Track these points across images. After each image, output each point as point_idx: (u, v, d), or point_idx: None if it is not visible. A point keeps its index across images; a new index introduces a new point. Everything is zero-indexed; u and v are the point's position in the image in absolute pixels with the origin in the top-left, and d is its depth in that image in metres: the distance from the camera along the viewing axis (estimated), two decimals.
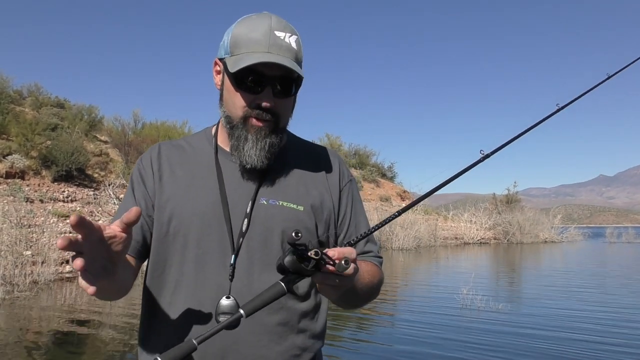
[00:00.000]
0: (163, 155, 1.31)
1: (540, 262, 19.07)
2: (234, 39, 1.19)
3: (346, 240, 1.32)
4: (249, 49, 1.16)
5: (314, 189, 1.31)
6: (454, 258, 20.43)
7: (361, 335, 6.70)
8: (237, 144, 1.22)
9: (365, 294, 1.26)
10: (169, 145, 1.35)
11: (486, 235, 31.48)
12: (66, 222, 14.85)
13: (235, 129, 1.22)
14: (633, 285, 11.72)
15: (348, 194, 1.37)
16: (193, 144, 1.34)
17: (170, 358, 0.90)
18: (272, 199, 1.25)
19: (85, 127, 21.53)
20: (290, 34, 1.18)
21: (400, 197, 35.93)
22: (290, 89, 1.21)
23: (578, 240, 35.04)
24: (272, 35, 1.16)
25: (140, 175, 1.29)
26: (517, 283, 12.93)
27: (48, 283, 10.73)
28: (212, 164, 1.28)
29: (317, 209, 1.29)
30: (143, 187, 1.27)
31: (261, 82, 1.17)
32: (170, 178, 1.27)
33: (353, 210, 1.37)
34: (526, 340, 6.16)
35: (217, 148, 1.31)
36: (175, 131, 24.36)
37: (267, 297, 0.96)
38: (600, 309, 8.36)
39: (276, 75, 1.17)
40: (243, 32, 1.18)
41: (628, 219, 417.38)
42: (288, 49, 1.17)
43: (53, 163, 16.83)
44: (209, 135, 1.36)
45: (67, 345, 6.07)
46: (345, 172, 1.40)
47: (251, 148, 1.20)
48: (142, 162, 1.31)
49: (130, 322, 7.25)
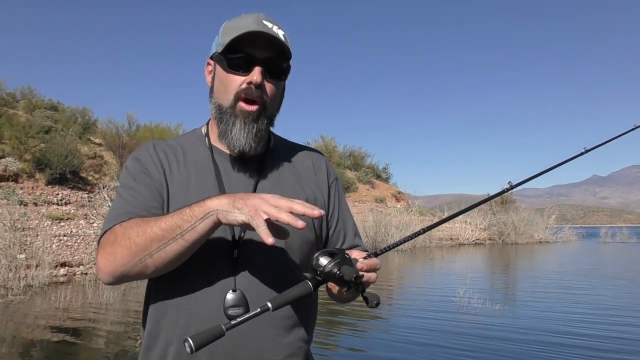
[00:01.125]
0: (159, 151, 1.30)
1: (536, 263, 19.09)
2: (224, 30, 1.24)
3: (335, 237, 1.39)
4: (239, 31, 1.19)
5: (307, 185, 1.35)
6: (450, 259, 20.45)
7: (355, 342, 6.49)
8: (225, 129, 1.24)
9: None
10: (161, 143, 1.34)
11: (481, 235, 31.58)
12: (60, 225, 14.79)
13: (224, 114, 1.24)
14: (629, 286, 11.77)
15: (335, 191, 1.42)
16: (184, 144, 1.34)
17: (199, 340, 0.91)
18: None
19: (79, 129, 21.48)
20: (278, 27, 1.22)
21: (395, 198, 36.00)
22: (279, 71, 1.24)
23: (572, 241, 35.15)
24: (261, 23, 1.20)
25: (141, 166, 1.26)
26: (515, 284, 12.96)
27: (42, 286, 10.68)
28: (208, 163, 1.29)
29: (312, 204, 1.30)
30: (148, 178, 1.24)
31: (251, 61, 1.20)
32: (170, 176, 1.26)
33: (340, 207, 1.42)
34: (525, 345, 6.13)
35: (212, 147, 1.31)
36: (170, 133, 24.29)
37: (296, 294, 0.99)
38: (597, 312, 8.37)
39: (266, 57, 1.21)
40: (233, 23, 1.23)
41: (621, 219, 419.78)
42: (277, 34, 1.21)
43: (47, 166, 16.76)
44: (199, 135, 1.37)
45: (62, 349, 6.03)
46: (331, 171, 1.45)
47: (239, 131, 1.22)
48: (140, 156, 1.29)
49: (124, 326, 7.22)
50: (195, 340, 0.91)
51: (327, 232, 1.39)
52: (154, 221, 1.08)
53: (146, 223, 1.09)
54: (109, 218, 1.19)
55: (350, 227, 1.43)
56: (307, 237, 1.30)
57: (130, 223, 1.12)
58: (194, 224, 1.04)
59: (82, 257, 13.52)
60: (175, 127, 25.32)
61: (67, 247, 13.82)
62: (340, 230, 1.40)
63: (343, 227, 1.41)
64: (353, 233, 1.43)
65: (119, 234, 1.11)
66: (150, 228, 1.07)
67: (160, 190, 1.23)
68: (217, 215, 1.03)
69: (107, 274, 1.13)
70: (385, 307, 9.02)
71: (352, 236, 1.43)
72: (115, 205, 1.22)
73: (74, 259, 13.38)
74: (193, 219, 1.04)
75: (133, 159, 1.29)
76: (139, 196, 1.21)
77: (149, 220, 1.10)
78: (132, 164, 1.28)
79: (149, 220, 1.09)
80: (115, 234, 1.12)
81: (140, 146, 1.35)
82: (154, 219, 1.09)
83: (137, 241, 1.07)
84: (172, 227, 1.05)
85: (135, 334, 6.61)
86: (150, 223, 1.08)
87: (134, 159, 1.29)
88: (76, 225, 15.27)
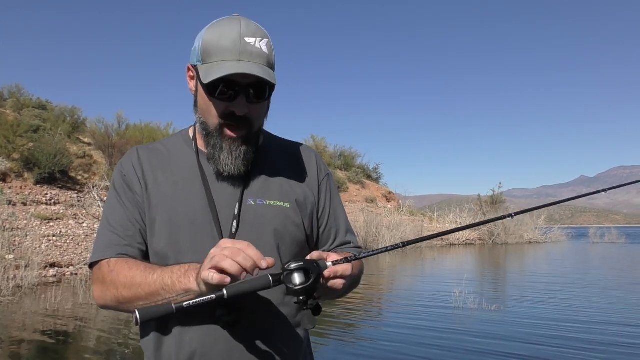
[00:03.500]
0: (143, 160, 1.29)
1: (528, 263, 19.17)
2: (204, 46, 1.18)
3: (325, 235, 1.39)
4: (220, 57, 1.15)
5: (297, 185, 1.34)
6: (441, 259, 20.53)
7: (350, 349, 6.49)
8: (214, 152, 1.23)
9: (348, 286, 1.26)
10: (146, 149, 1.33)
11: (471, 236, 31.69)
12: (50, 225, 14.65)
13: (210, 137, 1.23)
14: (625, 287, 11.88)
15: (326, 188, 1.41)
16: (170, 148, 1.33)
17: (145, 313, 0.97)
18: (260, 198, 1.27)
19: (68, 129, 21.29)
20: (260, 38, 1.18)
21: (386, 198, 36.07)
22: (263, 94, 1.20)
23: (562, 241, 35.34)
24: (242, 42, 1.15)
25: (125, 182, 1.27)
26: (510, 285, 13.00)
27: (32, 287, 10.56)
28: (194, 167, 1.28)
29: (301, 204, 1.32)
30: (131, 194, 1.25)
31: (234, 90, 1.17)
32: (155, 184, 1.26)
33: (332, 204, 1.41)
34: (523, 344, 6.16)
35: (198, 151, 1.31)
36: (160, 133, 24.15)
37: (254, 284, 1.02)
38: (592, 311, 8.41)
39: (249, 83, 1.17)
40: (213, 39, 1.17)
41: (608, 220, 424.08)
42: (259, 54, 1.17)
43: (35, 165, 16.60)
44: (186, 137, 1.35)
45: (51, 350, 5.95)
46: (322, 167, 1.43)
47: (227, 157, 1.22)
48: (124, 168, 1.29)
49: (114, 326, 7.16)
50: (141, 313, 0.97)
51: (318, 231, 1.39)
52: (140, 277, 1.12)
53: (132, 279, 1.12)
54: (97, 247, 1.23)
55: (342, 224, 1.43)
56: (297, 237, 1.30)
57: (117, 269, 1.16)
58: (174, 297, 1.08)
59: (72, 258, 13.40)
60: (165, 127, 25.21)
61: (57, 248, 13.69)
62: (331, 228, 1.40)
63: (335, 224, 1.41)
64: (345, 230, 1.43)
65: (107, 277, 1.17)
66: (136, 287, 1.11)
67: (141, 206, 1.24)
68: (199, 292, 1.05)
69: (100, 305, 1.22)
70: (376, 307, 9.02)
71: (344, 233, 1.42)
72: (102, 232, 1.25)
73: (63, 259, 13.25)
74: (173, 293, 1.08)
75: (119, 173, 1.29)
76: (124, 218, 1.24)
77: (135, 275, 1.12)
78: (118, 179, 1.29)
79: (134, 277, 1.12)
80: (104, 275, 1.18)
81: (127, 152, 1.34)
82: (141, 274, 1.12)
83: (123, 294, 1.13)
84: (154, 293, 1.09)
85: (125, 335, 6.56)
86: (137, 280, 1.12)
87: (120, 174, 1.29)
88: (66, 226, 15.13)
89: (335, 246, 1.40)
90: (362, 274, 1.40)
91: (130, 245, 1.22)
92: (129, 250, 1.21)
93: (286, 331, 1.24)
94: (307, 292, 1.01)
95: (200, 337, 1.16)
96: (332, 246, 1.40)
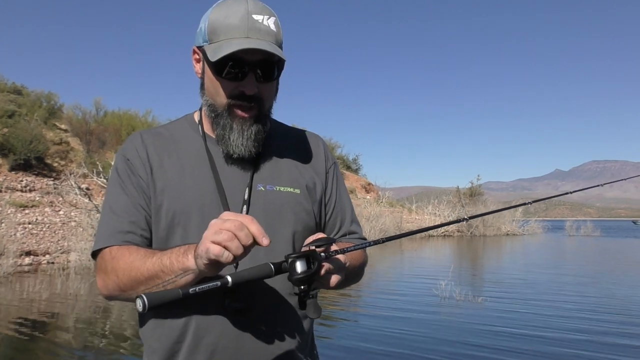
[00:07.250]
0: (148, 144, 1.25)
1: (506, 255, 19.49)
2: (211, 25, 1.16)
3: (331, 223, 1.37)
4: (228, 36, 1.13)
5: (306, 171, 1.33)
6: (420, 251, 20.74)
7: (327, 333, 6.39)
8: (223, 134, 1.20)
9: (351, 277, 1.27)
10: (150, 133, 1.29)
11: (450, 228, 32.10)
12: (25, 212, 14.36)
13: (219, 117, 1.20)
14: (603, 279, 12.16)
15: (333, 176, 1.40)
16: (175, 132, 1.29)
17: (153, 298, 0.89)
18: (269, 184, 1.25)
19: (44, 114, 20.83)
20: (268, 16, 1.16)
21: (365, 189, 36.24)
22: (272, 72, 1.18)
23: (539, 233, 35.98)
24: (250, 19, 1.13)
25: (129, 166, 1.22)
26: (493, 277, 13.17)
27: (7, 276, 10.36)
28: (202, 152, 1.25)
29: (311, 190, 1.31)
30: (135, 178, 1.21)
31: (243, 68, 1.14)
32: (160, 168, 1.22)
33: (338, 193, 1.40)
34: (505, 338, 6.23)
35: (205, 135, 1.27)
36: (138, 120, 23.82)
37: (256, 272, 0.98)
38: (574, 302, 8.55)
39: (258, 60, 1.14)
40: (220, 18, 1.15)
41: (582, 213, 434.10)
42: (267, 32, 1.14)
43: (10, 151, 16.25)
44: (191, 122, 1.32)
45: (27, 341, 5.81)
46: (329, 156, 1.42)
47: (237, 138, 1.19)
48: (127, 153, 1.24)
49: (92, 315, 7.06)
50: (149, 298, 0.88)
51: (325, 218, 1.37)
52: (139, 261, 1.07)
53: (131, 264, 1.08)
54: (100, 235, 1.19)
55: (348, 213, 1.41)
56: (309, 225, 1.28)
57: (118, 255, 1.12)
58: (174, 278, 1.03)
59: (49, 246, 13.16)
60: (144, 114, 24.86)
61: (32, 235, 13.44)
62: (337, 217, 1.38)
63: (340, 213, 1.39)
64: (350, 219, 1.41)
65: (108, 265, 1.13)
66: (135, 270, 1.07)
67: (146, 190, 1.20)
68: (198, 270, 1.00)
69: (105, 295, 1.18)
70: (359, 297, 9.05)
71: (349, 223, 1.41)
72: (105, 220, 1.20)
73: (39, 247, 13.01)
74: (172, 274, 1.03)
75: (122, 158, 1.24)
76: (128, 204, 1.19)
77: (134, 259, 1.08)
78: (121, 164, 1.24)
79: (133, 261, 1.08)
80: (105, 263, 1.14)
81: (128, 138, 1.29)
82: (140, 258, 1.08)
83: (124, 281, 1.10)
84: (154, 276, 1.05)
85: (103, 326, 6.48)
86: (135, 264, 1.07)
87: (122, 158, 1.24)
88: (42, 213, 14.84)
89: (340, 235, 1.38)
90: (365, 265, 1.37)
91: (133, 232, 1.18)
92: (132, 238, 1.17)
93: (294, 320, 1.23)
94: (309, 281, 1.00)
95: (210, 326, 1.14)
96: (337, 235, 1.38)
